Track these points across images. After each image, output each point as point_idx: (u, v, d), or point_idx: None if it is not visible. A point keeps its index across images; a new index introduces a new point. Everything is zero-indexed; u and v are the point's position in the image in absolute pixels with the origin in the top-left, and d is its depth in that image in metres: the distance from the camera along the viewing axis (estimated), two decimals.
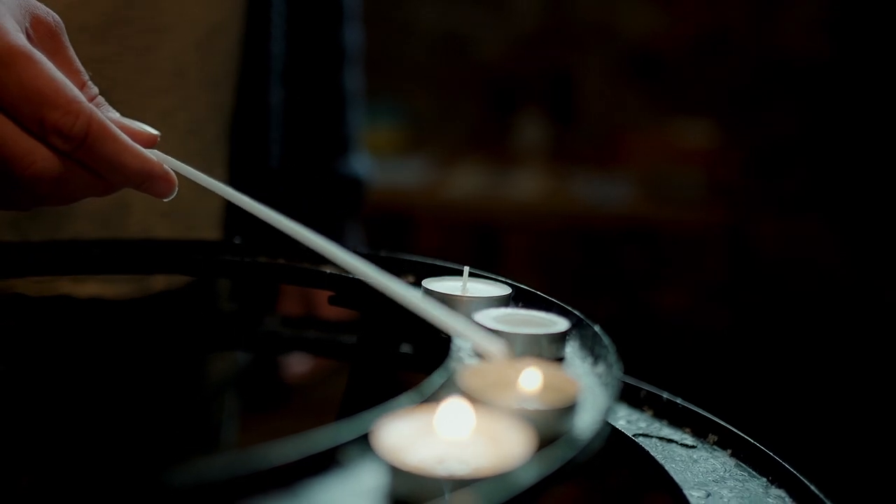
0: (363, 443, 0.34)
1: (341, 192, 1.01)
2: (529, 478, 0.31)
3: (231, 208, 0.54)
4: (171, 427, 0.83)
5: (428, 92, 2.68)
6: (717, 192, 2.31)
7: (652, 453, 0.56)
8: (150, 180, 0.51)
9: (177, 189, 0.53)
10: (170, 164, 0.53)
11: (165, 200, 0.54)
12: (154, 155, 0.52)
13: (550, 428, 0.37)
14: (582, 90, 2.61)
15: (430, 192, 2.41)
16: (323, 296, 0.62)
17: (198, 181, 0.54)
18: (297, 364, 1.00)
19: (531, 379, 0.39)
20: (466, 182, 2.46)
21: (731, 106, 2.42)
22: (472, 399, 0.37)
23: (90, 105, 0.49)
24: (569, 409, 0.37)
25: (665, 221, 2.30)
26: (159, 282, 0.78)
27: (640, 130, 2.50)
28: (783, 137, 2.31)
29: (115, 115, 0.53)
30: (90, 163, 0.49)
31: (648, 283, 2.36)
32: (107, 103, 0.53)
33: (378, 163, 1.97)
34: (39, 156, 0.47)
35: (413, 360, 0.60)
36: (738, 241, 2.29)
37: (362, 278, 0.48)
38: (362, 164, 1.04)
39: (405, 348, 0.62)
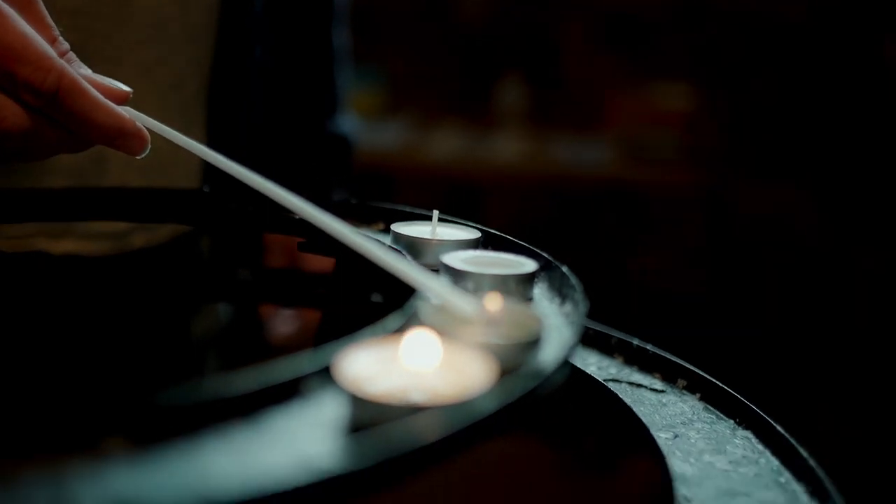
0: (325, 374, 0.34)
1: (330, 152, 1.00)
2: (490, 406, 0.31)
3: (210, 163, 0.54)
4: (150, 385, 0.83)
5: (406, 54, 2.66)
6: (696, 154, 2.32)
7: (621, 397, 0.56)
8: (122, 137, 0.51)
9: (149, 147, 0.53)
10: (144, 122, 0.53)
11: (139, 157, 0.53)
12: (130, 113, 0.52)
13: (514, 362, 0.37)
14: (562, 53, 2.60)
15: (411, 155, 2.40)
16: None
17: (172, 139, 0.53)
18: (282, 324, 0.99)
19: (495, 315, 0.40)
20: (446, 145, 2.45)
21: (710, 69, 2.42)
22: (436, 333, 0.37)
23: (61, 61, 0.48)
24: (532, 344, 0.38)
25: (644, 183, 2.31)
26: (138, 239, 0.77)
27: (620, 93, 2.49)
28: (762, 100, 2.31)
29: (87, 71, 0.52)
30: (61, 119, 0.49)
31: (627, 245, 2.37)
32: (78, 59, 0.53)
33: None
34: (10, 111, 0.47)
35: (385, 307, 0.60)
36: (716, 203, 2.30)
37: (334, 235, 0.48)
38: (350, 124, 1.03)
39: (377, 297, 0.62)
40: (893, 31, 2.19)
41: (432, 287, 0.41)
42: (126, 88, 0.53)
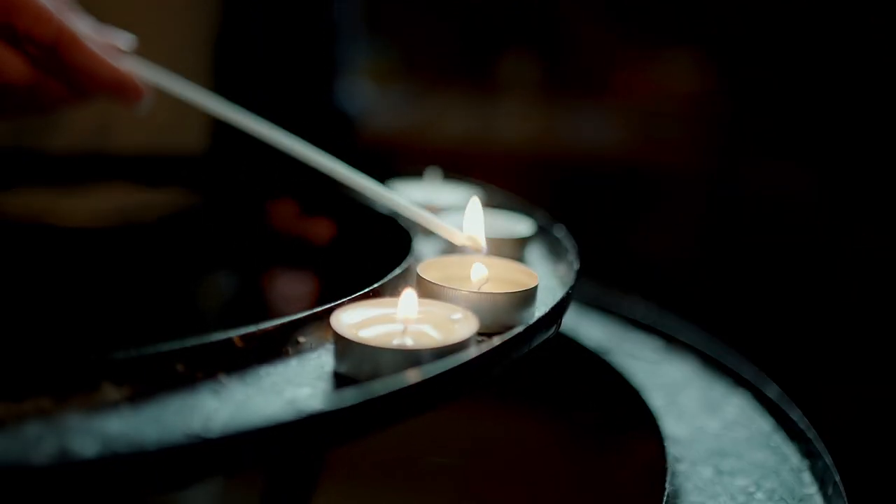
0: (321, 327, 0.35)
1: (332, 128, 1.00)
2: (475, 352, 0.32)
3: (218, 126, 0.55)
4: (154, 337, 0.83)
5: (410, 27, 2.65)
6: (702, 130, 2.31)
7: (619, 359, 0.57)
8: (120, 90, 0.52)
9: (147, 99, 0.53)
10: (151, 76, 0.54)
11: (141, 112, 0.54)
12: (138, 67, 0.53)
13: (505, 315, 0.37)
14: (570, 28, 2.59)
15: (416, 128, 2.40)
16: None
17: (179, 93, 0.54)
18: (286, 285, 0.99)
19: (486, 272, 0.40)
20: (450, 119, 2.45)
21: (717, 46, 2.41)
22: (428, 288, 0.38)
23: (61, 15, 0.49)
24: (522, 298, 0.38)
25: (649, 158, 2.31)
26: (144, 209, 0.78)
27: (627, 70, 2.49)
28: (768, 78, 2.30)
29: (89, 23, 0.53)
30: (60, 71, 0.50)
31: (630, 219, 2.37)
32: (78, 13, 0.53)
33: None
34: (11, 65, 0.49)
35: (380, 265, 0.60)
36: (722, 179, 2.29)
37: (344, 181, 0.49)
38: (353, 101, 1.03)
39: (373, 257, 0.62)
40: None
41: (428, 219, 0.43)
42: (127, 42, 0.54)
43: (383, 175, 0.61)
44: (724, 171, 2.27)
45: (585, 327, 0.62)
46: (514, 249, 0.47)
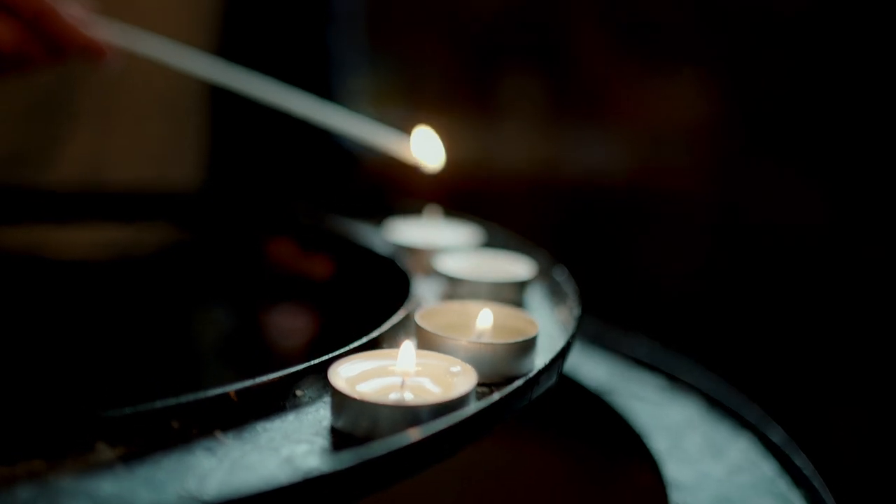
0: (319, 380, 0.34)
1: (330, 162, 1.00)
2: (476, 407, 0.31)
3: (213, 150, 0.58)
4: (147, 391, 0.83)
5: (411, 46, 2.65)
6: (710, 157, 2.31)
7: (623, 400, 0.56)
8: (89, 52, 0.61)
9: (110, 59, 0.62)
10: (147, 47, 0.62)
11: (110, 70, 0.62)
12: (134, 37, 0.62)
13: (505, 365, 0.37)
14: (571, 48, 2.59)
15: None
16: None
17: (159, 56, 0.62)
18: (279, 330, 0.99)
19: (486, 319, 0.40)
20: (452, 144, 2.45)
21: (724, 71, 2.41)
22: (427, 338, 0.37)
23: None
24: (523, 347, 0.38)
25: (655, 186, 2.30)
26: (134, 246, 0.78)
27: (632, 93, 2.49)
28: (778, 103, 2.30)
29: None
30: (41, 36, 0.59)
31: (636, 249, 2.37)
32: None
33: None
34: (2, 33, 0.58)
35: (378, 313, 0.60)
36: (730, 208, 2.29)
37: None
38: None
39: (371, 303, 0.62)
40: None
41: (386, 144, 0.44)
42: (87, 13, 0.62)
43: (381, 212, 0.61)
44: (732, 198, 2.26)
45: (588, 366, 0.61)
46: (515, 293, 0.47)
